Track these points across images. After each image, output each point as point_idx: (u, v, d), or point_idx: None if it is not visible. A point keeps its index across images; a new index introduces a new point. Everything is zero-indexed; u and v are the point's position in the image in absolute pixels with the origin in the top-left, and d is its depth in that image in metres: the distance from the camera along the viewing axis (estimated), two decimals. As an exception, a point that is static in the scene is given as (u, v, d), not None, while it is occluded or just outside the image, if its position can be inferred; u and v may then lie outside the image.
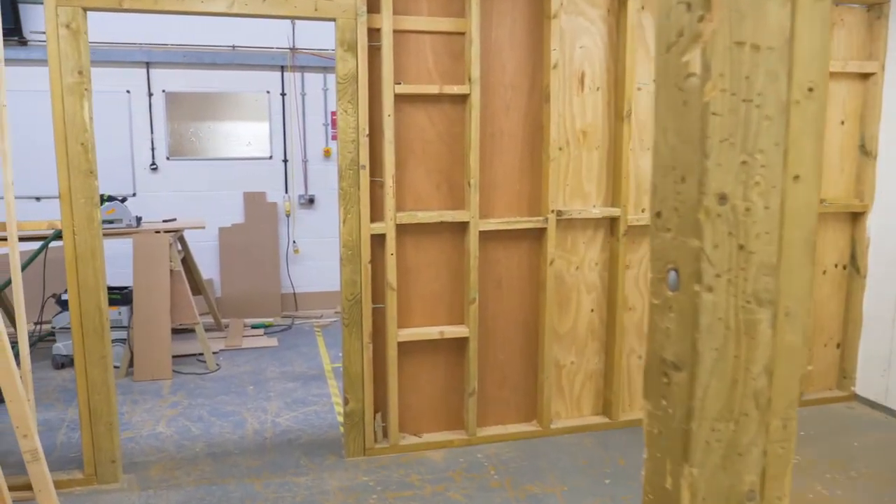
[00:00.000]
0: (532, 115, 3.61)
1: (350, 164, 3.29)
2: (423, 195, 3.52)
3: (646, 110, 3.77)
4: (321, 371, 4.96)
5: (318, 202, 6.69)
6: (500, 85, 3.54)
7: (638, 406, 4.04)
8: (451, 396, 3.73)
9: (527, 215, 3.67)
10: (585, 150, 3.72)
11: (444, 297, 3.62)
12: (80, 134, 2.99)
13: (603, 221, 3.81)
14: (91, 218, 3.04)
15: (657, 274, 0.78)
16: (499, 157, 3.59)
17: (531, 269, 3.73)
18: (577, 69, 3.65)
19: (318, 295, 6.79)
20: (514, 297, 3.73)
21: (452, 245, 3.59)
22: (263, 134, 6.52)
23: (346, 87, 3.24)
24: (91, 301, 3.09)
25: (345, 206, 3.32)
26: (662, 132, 0.76)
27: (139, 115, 6.26)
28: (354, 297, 3.39)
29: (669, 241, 0.76)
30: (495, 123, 3.56)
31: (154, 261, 4.84)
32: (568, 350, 3.87)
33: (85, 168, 3.01)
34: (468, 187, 3.49)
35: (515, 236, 3.67)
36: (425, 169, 3.50)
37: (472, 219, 3.48)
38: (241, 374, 4.91)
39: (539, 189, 3.67)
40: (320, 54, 6.44)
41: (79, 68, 2.96)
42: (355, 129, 3.28)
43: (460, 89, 3.40)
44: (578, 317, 3.86)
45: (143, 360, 4.76)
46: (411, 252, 3.53)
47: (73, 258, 3.04)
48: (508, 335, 3.76)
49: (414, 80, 3.41)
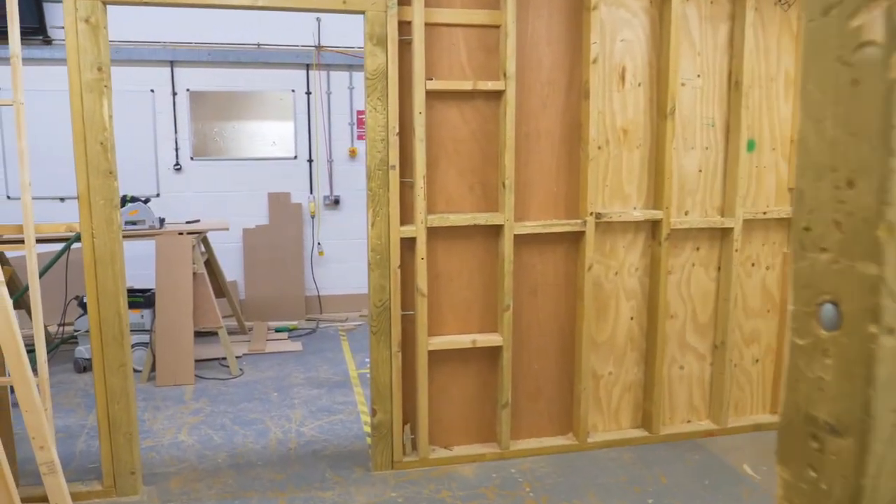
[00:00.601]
0: (570, 113, 3.42)
1: (379, 164, 3.14)
2: (455, 197, 3.35)
3: (690, 107, 3.57)
4: (346, 377, 4.81)
5: (344, 203, 6.56)
6: (536, 81, 3.36)
7: (679, 419, 3.83)
8: (483, 408, 3.56)
9: (564, 218, 3.49)
10: (626, 149, 3.53)
11: (476, 304, 3.45)
12: (100, 133, 2.87)
13: (644, 224, 3.61)
14: (111, 220, 2.92)
15: (803, 306, 0.60)
16: (534, 156, 3.41)
17: (567, 274, 3.55)
18: (618, 64, 3.46)
19: (343, 298, 6.66)
20: (550, 304, 3.55)
21: (485, 249, 3.42)
22: (288, 133, 6.40)
23: (374, 83, 3.09)
24: (110, 307, 2.97)
25: (373, 209, 3.17)
26: (815, 122, 0.58)
27: (163, 114, 6.17)
28: (383, 304, 3.24)
29: (825, 265, 0.58)
30: (531, 121, 3.38)
31: (177, 263, 4.73)
32: (606, 360, 3.68)
33: (104, 168, 2.89)
34: (502, 188, 3.31)
35: (551, 240, 3.49)
36: (457, 169, 3.33)
37: (506, 222, 3.31)
38: (265, 379, 4.78)
39: (577, 190, 3.49)
40: (346, 52, 6.31)
41: (98, 64, 2.83)
42: (384, 128, 3.12)
43: (495, 85, 3.22)
44: (617, 325, 3.66)
45: (165, 364, 4.66)
46: (442, 256, 3.37)
47: (91, 262, 2.92)
48: (543, 344, 3.58)
49: (446, 75, 3.25)
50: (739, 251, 3.68)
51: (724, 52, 3.59)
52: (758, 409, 3.96)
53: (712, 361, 3.83)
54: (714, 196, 3.69)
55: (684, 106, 3.56)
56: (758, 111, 3.66)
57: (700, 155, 3.63)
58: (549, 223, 3.41)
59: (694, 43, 3.53)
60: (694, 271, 3.73)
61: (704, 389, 3.86)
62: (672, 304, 3.69)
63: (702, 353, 3.82)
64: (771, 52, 3.63)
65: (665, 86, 3.46)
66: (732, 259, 3.67)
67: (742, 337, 3.85)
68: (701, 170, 3.65)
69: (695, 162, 3.63)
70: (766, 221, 3.76)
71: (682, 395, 3.83)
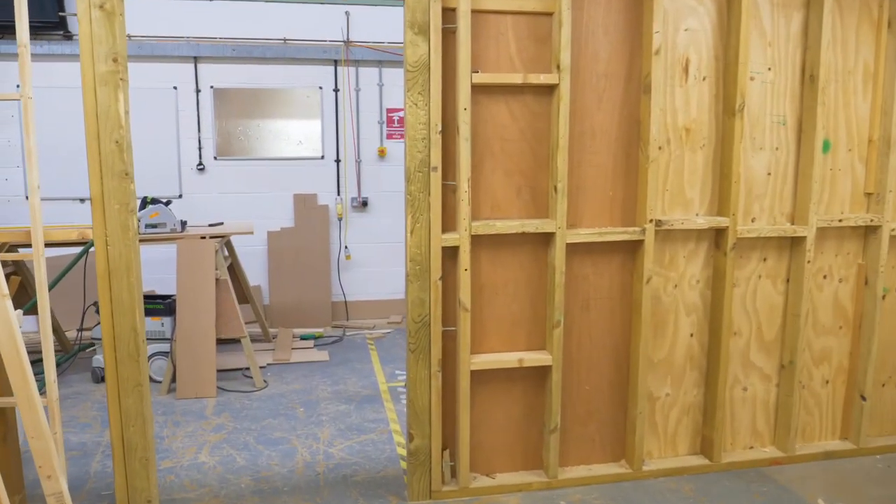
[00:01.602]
0: (628, 109, 3.11)
1: (419, 165, 2.85)
2: (502, 201, 3.05)
3: (759, 103, 3.23)
4: (376, 391, 4.53)
5: (372, 205, 6.28)
6: (591, 74, 3.05)
7: (741, 445, 3.50)
8: (528, 432, 3.25)
9: (619, 225, 3.17)
10: (688, 149, 3.20)
11: (523, 320, 3.15)
12: (115, 130, 2.61)
13: (706, 233, 3.29)
14: (126, 226, 2.66)
15: None
16: (589, 157, 3.10)
17: (623, 287, 3.23)
18: (681, 55, 3.14)
19: (371, 304, 6.39)
20: (603, 320, 3.24)
21: (534, 259, 3.11)
22: (315, 132, 6.14)
23: (416, 76, 2.80)
24: (125, 321, 2.71)
25: (412, 214, 2.88)
26: None
27: (186, 112, 5.94)
28: (422, 319, 2.94)
29: None
30: (585, 119, 3.07)
31: (199, 269, 4.48)
32: (663, 380, 3.36)
33: (119, 169, 2.63)
34: (554, 193, 3.00)
35: (606, 249, 3.18)
36: (504, 171, 3.03)
37: (558, 229, 3.00)
38: (290, 392, 4.51)
39: (634, 195, 3.17)
40: (376, 47, 6.03)
41: (113, 55, 2.57)
42: (426, 125, 2.83)
43: (547, 79, 2.92)
44: (676, 342, 3.34)
45: (186, 375, 4.41)
46: (487, 267, 3.07)
47: (105, 272, 2.67)
48: (595, 363, 3.27)
49: (493, 68, 2.95)
50: (812, 262, 3.33)
51: (798, 42, 3.25)
52: (827, 434, 3.61)
53: (778, 382, 3.49)
54: (784, 201, 3.35)
55: (753, 102, 3.23)
56: (833, 108, 3.31)
57: (769, 156, 3.30)
58: (604, 231, 3.09)
59: (765, 32, 3.20)
60: (760, 284, 3.39)
61: (769, 413, 3.52)
62: (736, 319, 3.36)
63: (767, 374, 3.48)
64: (849, 43, 3.29)
65: (733, 80, 3.12)
66: (804, 271, 3.33)
67: (811, 356, 3.50)
68: (770, 172, 3.31)
69: (763, 164, 3.29)
70: (840, 229, 3.41)
71: (745, 418, 3.49)
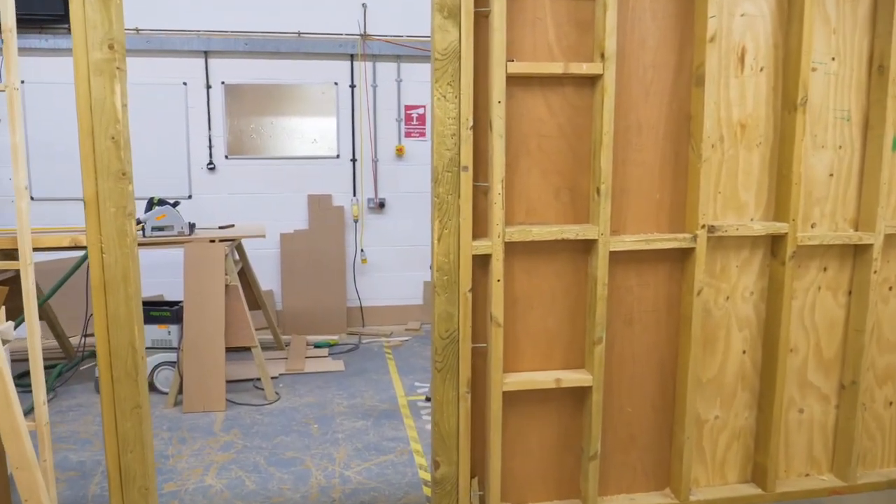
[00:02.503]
0: (677, 103, 2.81)
1: (448, 164, 2.56)
2: (538, 205, 2.76)
3: (821, 96, 2.92)
4: (395, 405, 4.26)
5: (390, 206, 6.01)
6: (638, 64, 2.75)
7: (796, 473, 3.18)
8: (564, 459, 2.96)
9: (667, 231, 2.87)
10: (743, 147, 2.90)
11: (560, 335, 2.86)
12: (111, 125, 2.35)
13: (762, 240, 2.98)
14: (123, 232, 2.40)
15: None
16: (634, 155, 2.80)
17: (670, 299, 2.93)
18: (737, 43, 2.83)
19: (388, 309, 6.11)
20: (648, 335, 2.94)
21: (573, 268, 2.82)
22: (330, 130, 5.87)
23: (445, 65, 2.51)
24: (122, 337, 2.45)
25: (440, 219, 2.59)
26: None
27: (196, 109, 5.69)
28: (450, 335, 2.66)
29: None
30: (631, 113, 2.77)
31: (208, 274, 4.23)
32: (711, 402, 3.05)
33: (116, 169, 2.37)
34: (596, 195, 2.71)
35: (652, 258, 2.88)
36: (541, 171, 2.74)
37: (600, 236, 2.71)
38: (304, 406, 4.25)
39: (683, 198, 2.87)
40: (394, 41, 5.76)
41: (109, 41, 2.31)
42: (455, 120, 2.54)
43: (590, 68, 2.62)
44: (727, 360, 3.03)
45: (193, 387, 4.15)
46: (521, 277, 2.78)
47: (99, 283, 2.40)
48: (638, 383, 2.97)
49: (530, 56, 2.66)
50: (878, 272, 3.02)
51: (866, 29, 2.93)
52: (891, 461, 3.28)
53: (838, 404, 3.18)
54: (847, 205, 3.04)
55: (814, 95, 2.92)
56: (903, 102, 3.00)
57: (831, 155, 2.98)
58: (651, 238, 2.79)
59: (828, 18, 2.89)
60: (820, 296, 3.08)
61: (827, 437, 3.21)
62: (792, 335, 3.05)
63: (825, 394, 3.16)
64: (921, 29, 2.96)
65: (794, 70, 2.81)
66: (868, 282, 3.01)
67: (875, 375, 3.18)
68: (832, 173, 3.00)
69: (825, 164, 2.98)
70: (908, 236, 3.09)
71: (801, 443, 3.18)
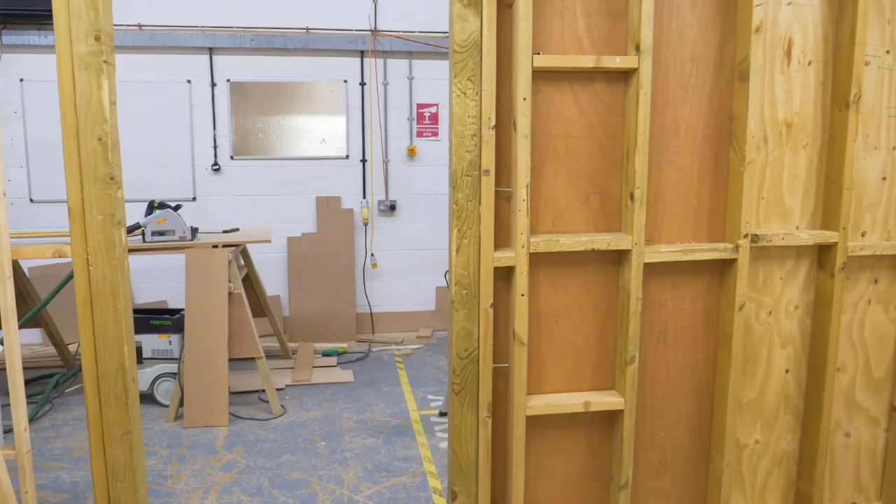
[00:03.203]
0: (718, 100, 2.56)
1: (468, 168, 2.33)
2: (566, 212, 2.52)
3: (873, 93, 2.67)
4: (407, 420, 4.03)
5: (401, 209, 5.78)
6: (675, 57, 2.51)
7: (842, 501, 2.94)
8: (592, 487, 2.72)
9: (706, 240, 2.63)
10: (789, 148, 2.65)
11: (588, 354, 2.62)
12: (98, 125, 2.13)
13: (808, 249, 2.73)
14: (111, 242, 2.18)
15: None
16: (670, 158, 2.56)
17: (708, 314, 2.69)
18: (783, 35, 2.58)
19: (399, 316, 5.89)
20: (684, 354, 2.70)
21: (603, 281, 2.59)
22: (339, 130, 5.65)
23: (464, 58, 2.28)
24: (111, 357, 2.23)
25: (459, 228, 2.36)
26: None
27: (200, 108, 5.49)
28: (469, 355, 2.43)
29: None
30: (667, 111, 2.53)
31: (210, 281, 4.02)
32: (752, 425, 2.81)
33: (103, 172, 2.15)
34: (629, 201, 2.47)
35: (688, 270, 2.64)
36: (568, 175, 2.50)
37: (634, 246, 2.47)
38: (311, 421, 4.03)
39: (723, 204, 2.63)
40: (406, 36, 5.53)
41: (95, 31, 2.09)
42: (476, 119, 2.31)
43: (625, 62, 2.38)
44: (768, 380, 2.79)
45: (195, 401, 3.94)
46: (546, 291, 2.55)
47: (85, 297, 2.19)
48: (673, 405, 2.73)
49: (558, 49, 2.42)
50: (934, 285, 2.77)
51: (923, 19, 2.68)
52: (944, 488, 3.03)
53: (888, 427, 2.93)
54: (901, 212, 2.79)
55: (867, 92, 2.67)
56: (962, 99, 2.74)
57: (885, 157, 2.73)
58: (689, 248, 2.55)
59: (883, 8, 2.63)
60: (870, 310, 2.83)
61: (875, 463, 2.96)
62: (841, 353, 2.81)
63: (874, 417, 2.91)
64: (983, 20, 2.71)
65: (846, 64, 2.57)
66: (924, 295, 2.76)
67: (928, 396, 2.93)
68: (885, 177, 2.75)
69: (877, 167, 2.73)
70: (967, 245, 2.83)
71: (847, 469, 2.93)
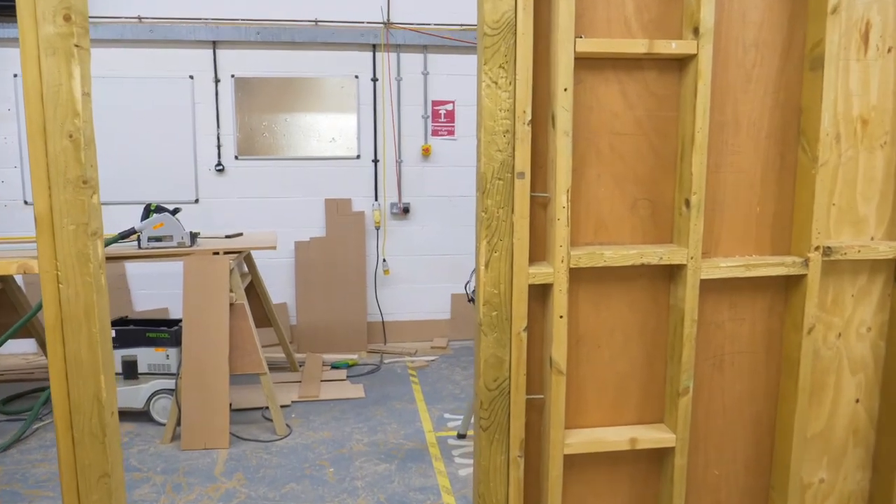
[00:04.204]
0: (785, 92, 2.23)
1: (499, 170, 2.01)
2: (610, 220, 2.20)
3: (960, 85, 2.33)
4: (422, 443, 3.71)
5: (415, 212, 5.47)
6: (736, 43, 2.18)
7: (917, 546, 2.59)
8: (636, 533, 2.40)
9: (769, 253, 2.30)
10: (864, 148, 2.31)
11: (633, 381, 2.30)
12: (68, 119, 1.83)
13: (882, 264, 2.39)
14: (85, 256, 1.87)
15: None
16: (729, 158, 2.23)
17: (769, 336, 2.36)
18: (860, 17, 2.25)
19: (412, 324, 5.58)
20: (741, 382, 2.37)
21: (651, 299, 2.26)
22: (350, 128, 5.35)
23: (496, 42, 1.96)
24: (86, 389, 1.93)
25: (488, 239, 2.04)
26: None
27: (203, 105, 5.19)
28: (499, 386, 2.11)
29: None
30: (727, 104, 2.20)
31: (210, 291, 3.71)
32: (816, 461, 2.47)
33: (75, 175, 1.85)
34: (684, 209, 2.15)
35: (748, 286, 2.31)
36: (614, 178, 2.18)
37: (690, 260, 2.14)
38: (318, 443, 3.72)
39: (788, 211, 2.29)
40: (420, 29, 5.22)
41: (64, 10, 1.79)
42: (509, 113, 1.99)
43: (682, 47, 2.06)
44: (836, 410, 2.45)
45: (193, 421, 3.64)
46: (586, 310, 2.22)
47: (55, 321, 1.88)
48: (728, 439, 2.40)
49: (603, 32, 2.10)
50: None
51: None
52: None
53: (969, 463, 2.58)
54: None
55: (953, 83, 2.33)
56: None
57: (972, 158, 2.39)
58: (751, 262, 2.22)
59: (973, -14, 2.30)
60: (951, 331, 2.48)
61: (954, 502, 2.61)
62: (917, 379, 2.47)
63: (953, 451, 2.57)
64: None
65: (932, 51, 2.23)
66: None
67: None
68: (972, 180, 2.41)
69: (963, 168, 2.39)
70: None
71: (922, 510, 2.59)
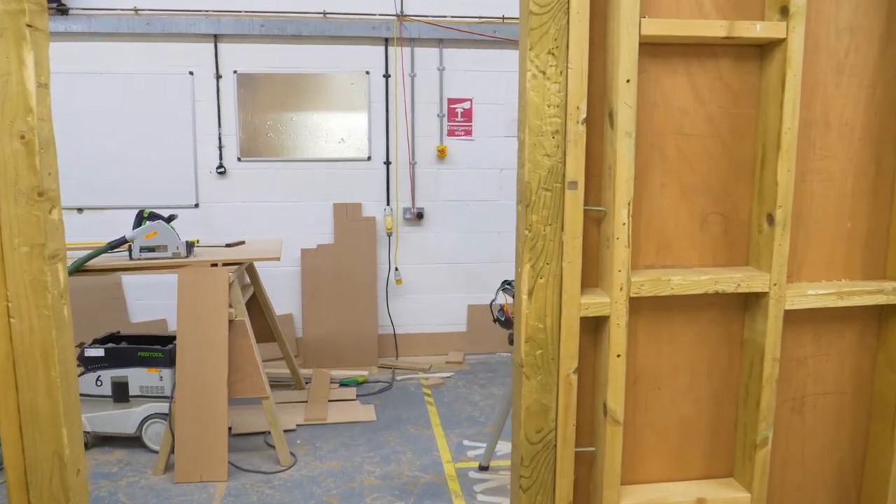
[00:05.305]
0: (882, 87, 1.87)
1: (547, 178, 1.66)
2: (675, 238, 1.84)
3: None
4: (440, 475, 3.37)
5: (429, 218, 5.12)
6: (827, 26, 1.82)
7: None
8: None
9: (860, 277, 1.94)
10: (973, 152, 1.95)
11: (699, 428, 1.94)
12: (19, 117, 1.49)
13: None
14: (41, 284, 1.53)
15: None
16: (817, 164, 1.87)
17: (858, 375, 2.00)
18: (972, -4, 1.89)
19: (426, 337, 5.23)
20: (825, 428, 2.01)
21: (722, 332, 1.90)
22: (360, 127, 5.00)
23: (545, 21, 1.61)
24: (43, 443, 1.59)
25: (532, 263, 1.69)
26: None
27: (204, 103, 4.87)
28: (543, 439, 1.76)
29: None
30: (815, 100, 1.84)
31: (207, 306, 3.38)
32: (908, 518, 2.11)
33: (28, 185, 1.51)
34: (766, 225, 1.79)
35: (835, 317, 1.95)
36: (681, 187, 1.82)
37: (773, 287, 1.78)
38: (325, 474, 3.38)
39: (885, 227, 1.93)
40: (436, 22, 4.87)
41: (14, -19, 1.45)
42: (560, 110, 1.64)
43: (767, 30, 1.70)
44: (932, 459, 2.09)
45: (188, 449, 3.31)
46: (645, 345, 1.87)
47: (7, 364, 1.55)
48: (809, 495, 2.04)
49: (670, 12, 1.75)
50: None
51: None
52: None
53: None
54: None
55: None
56: None
57: None
58: (844, 289, 1.86)
59: None
60: None
61: None
62: None
63: None
64: None
65: None
66: None
67: None
68: None
69: None
70: None
71: None
